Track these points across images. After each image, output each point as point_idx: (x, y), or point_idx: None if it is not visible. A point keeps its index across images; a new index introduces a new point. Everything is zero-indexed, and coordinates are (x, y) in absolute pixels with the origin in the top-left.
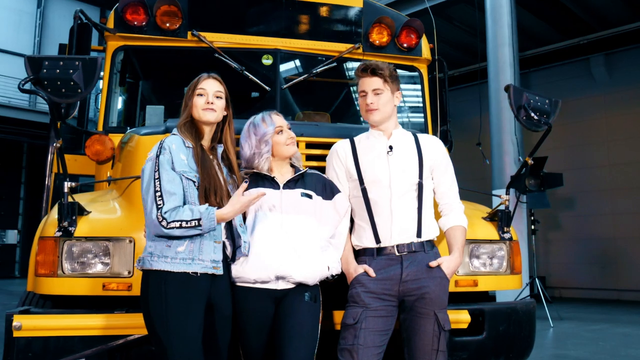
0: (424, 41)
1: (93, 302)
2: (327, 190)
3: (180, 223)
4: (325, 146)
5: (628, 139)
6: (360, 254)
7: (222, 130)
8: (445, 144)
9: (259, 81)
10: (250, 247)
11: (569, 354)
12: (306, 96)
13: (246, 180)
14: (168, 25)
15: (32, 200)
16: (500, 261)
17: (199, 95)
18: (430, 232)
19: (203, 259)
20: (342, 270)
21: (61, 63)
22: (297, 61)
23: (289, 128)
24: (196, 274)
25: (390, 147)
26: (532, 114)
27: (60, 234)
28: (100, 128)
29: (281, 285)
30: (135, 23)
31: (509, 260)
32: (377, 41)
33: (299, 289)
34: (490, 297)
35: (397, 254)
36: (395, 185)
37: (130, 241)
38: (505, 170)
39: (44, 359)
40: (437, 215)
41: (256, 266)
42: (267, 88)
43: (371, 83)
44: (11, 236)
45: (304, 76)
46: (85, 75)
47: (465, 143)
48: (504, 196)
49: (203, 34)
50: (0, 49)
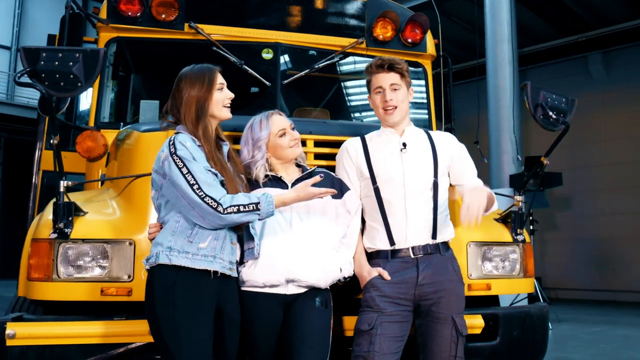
0: (429, 37)
1: (90, 308)
2: (336, 189)
3: (237, 207)
4: (334, 144)
5: (626, 138)
6: (373, 257)
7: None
8: None
9: (258, 76)
10: (260, 253)
11: (571, 357)
12: (307, 92)
13: (321, 175)
14: (164, 16)
15: (11, 197)
16: (513, 264)
17: (219, 90)
18: (446, 234)
19: (223, 258)
20: (354, 273)
21: (60, 55)
22: (299, 56)
23: (292, 128)
24: (216, 273)
25: (404, 145)
26: (550, 113)
27: (56, 235)
28: (91, 123)
29: (291, 290)
30: (130, 14)
31: (522, 263)
32: (381, 36)
33: (310, 293)
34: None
35: (413, 256)
36: (410, 184)
37: (130, 243)
38: (503, 169)
39: None
40: (452, 217)
41: (265, 269)
42: (267, 83)
43: (389, 78)
44: None
45: (305, 71)
46: (85, 68)
47: (462, 141)
48: (517, 197)
49: (201, 26)
50: None
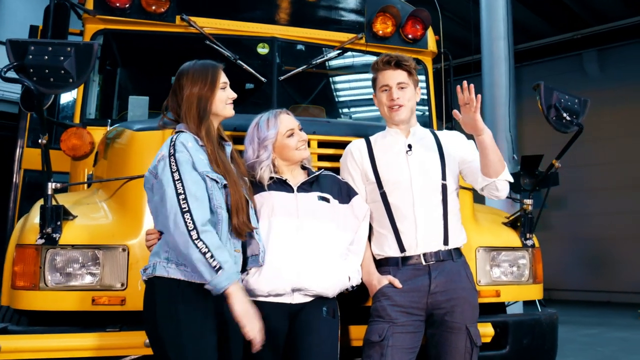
0: (430, 33)
1: (80, 319)
2: (343, 193)
3: (207, 248)
4: (339, 145)
5: (620, 137)
6: (382, 264)
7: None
8: None
9: (254, 71)
10: (265, 260)
11: None
12: (305, 89)
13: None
14: (154, 8)
15: None
16: (522, 270)
17: (222, 89)
18: (457, 239)
19: None
20: (362, 281)
21: (50, 48)
22: (295, 51)
23: (300, 129)
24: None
25: (409, 146)
26: (564, 114)
27: (43, 241)
28: (76, 120)
29: (297, 299)
30: (118, 5)
31: (531, 269)
32: (381, 31)
33: (316, 302)
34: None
35: (424, 263)
36: (417, 187)
37: (123, 249)
38: None
39: None
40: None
41: (271, 277)
42: (263, 79)
43: (396, 76)
44: None
45: (302, 67)
46: (78, 63)
47: None
48: (526, 201)
49: (193, 18)
50: None
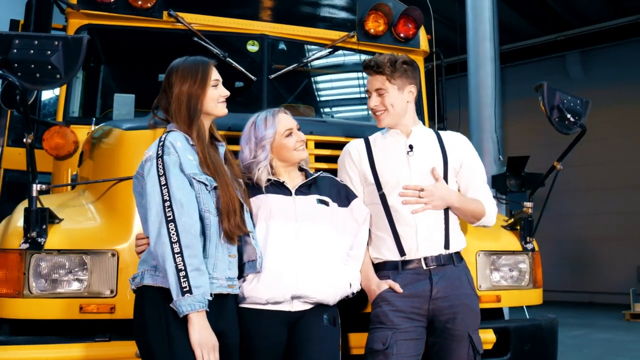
0: (422, 32)
1: (67, 328)
2: (342, 196)
3: (183, 268)
4: (336, 146)
5: (602, 139)
6: (381, 268)
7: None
8: None
9: (243, 69)
10: (262, 267)
11: None
12: (296, 88)
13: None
14: (140, 3)
15: None
16: (522, 274)
17: (213, 86)
18: (458, 243)
19: (217, 276)
20: (361, 287)
21: (36, 42)
22: (286, 49)
23: (298, 129)
24: (210, 295)
25: (410, 147)
26: (568, 115)
27: (27, 246)
28: (59, 118)
29: (296, 307)
30: None
31: (531, 273)
32: (373, 30)
33: (316, 310)
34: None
35: (425, 267)
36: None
37: (112, 254)
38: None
39: None
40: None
41: (269, 284)
42: (253, 78)
43: (374, 82)
44: None
45: (293, 65)
46: (66, 58)
47: None
48: (526, 203)
49: (181, 14)
50: None
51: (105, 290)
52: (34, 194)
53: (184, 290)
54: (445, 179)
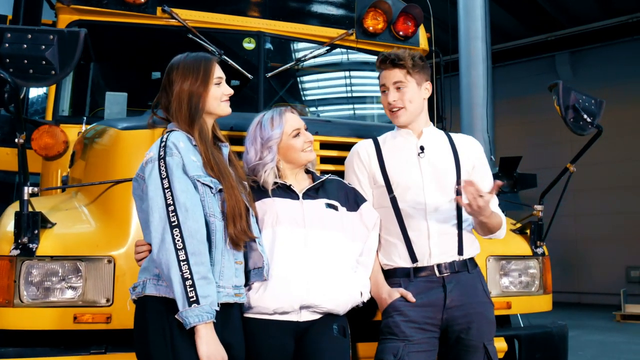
0: (421, 30)
1: (61, 339)
2: (351, 200)
3: (190, 277)
4: (343, 147)
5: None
6: (391, 275)
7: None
8: None
9: (239, 67)
10: (269, 274)
11: None
12: (293, 86)
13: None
14: None
15: None
16: (532, 279)
17: (216, 84)
18: (472, 249)
19: (224, 285)
20: (371, 295)
21: (29, 36)
22: (283, 47)
23: (306, 129)
24: (217, 305)
25: (422, 148)
26: (585, 116)
27: (18, 252)
28: (49, 117)
29: (305, 316)
30: None
31: (541, 279)
32: (372, 27)
33: (325, 319)
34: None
35: (439, 275)
36: (430, 192)
37: (109, 261)
38: None
39: None
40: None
41: (277, 293)
42: (249, 76)
43: (392, 76)
44: None
45: (291, 64)
46: (61, 53)
47: None
48: (536, 206)
49: (175, 10)
50: None
51: (101, 298)
52: (26, 197)
53: (191, 300)
54: (458, 182)
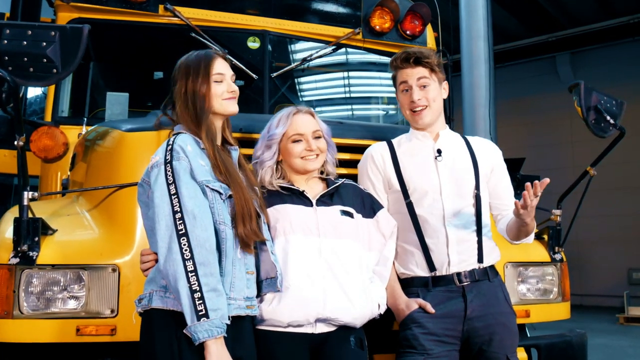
0: (429, 29)
1: (62, 352)
2: (367, 206)
3: (199, 288)
4: (355, 149)
5: (592, 141)
6: (408, 284)
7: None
8: None
9: (243, 67)
10: (283, 285)
11: None
12: (298, 86)
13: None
14: None
15: None
16: (550, 286)
17: (216, 82)
18: (492, 256)
19: (235, 296)
20: (389, 305)
21: (29, 32)
22: (289, 46)
23: (315, 137)
24: (228, 318)
25: (439, 151)
26: (607, 117)
27: (18, 260)
28: (48, 118)
29: (320, 328)
30: None
31: (559, 286)
32: (378, 26)
33: (342, 331)
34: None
35: (458, 284)
36: (448, 197)
37: (113, 270)
38: None
39: None
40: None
41: (292, 307)
42: (254, 76)
43: (415, 73)
44: None
45: (296, 63)
46: (63, 50)
47: None
48: (555, 211)
49: (178, 8)
50: None
51: (105, 309)
52: (26, 202)
53: (200, 314)
54: (476, 186)
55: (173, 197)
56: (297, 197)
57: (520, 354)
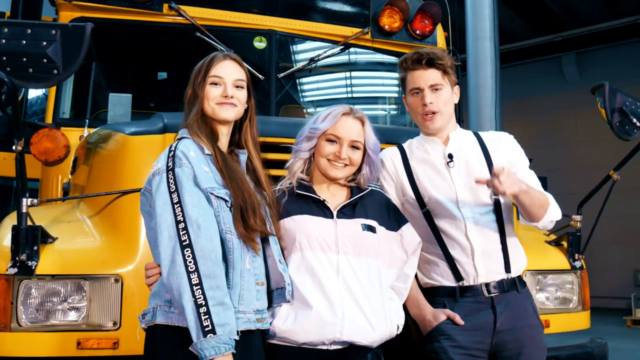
0: (439, 29)
1: None
2: (392, 218)
3: (204, 302)
4: None
5: (597, 141)
6: (433, 294)
7: (241, 128)
8: None
9: (250, 68)
10: (293, 295)
11: None
12: (306, 87)
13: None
14: None
15: None
16: (570, 295)
17: (212, 84)
18: (519, 265)
19: (244, 310)
20: (412, 316)
21: (29, 31)
22: (296, 46)
23: (352, 146)
24: (237, 334)
25: (450, 156)
26: (634, 119)
27: (16, 270)
28: (49, 120)
29: (335, 346)
30: None
31: (579, 294)
32: (388, 26)
33: (359, 348)
34: None
35: (487, 295)
36: (466, 205)
37: (116, 280)
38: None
39: None
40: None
41: (308, 328)
42: (260, 77)
43: (427, 76)
44: None
45: (303, 63)
46: (65, 50)
47: None
48: (575, 216)
49: (183, 7)
50: None
51: (107, 322)
52: (24, 209)
53: (206, 329)
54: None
55: (176, 206)
56: (317, 207)
57: None
